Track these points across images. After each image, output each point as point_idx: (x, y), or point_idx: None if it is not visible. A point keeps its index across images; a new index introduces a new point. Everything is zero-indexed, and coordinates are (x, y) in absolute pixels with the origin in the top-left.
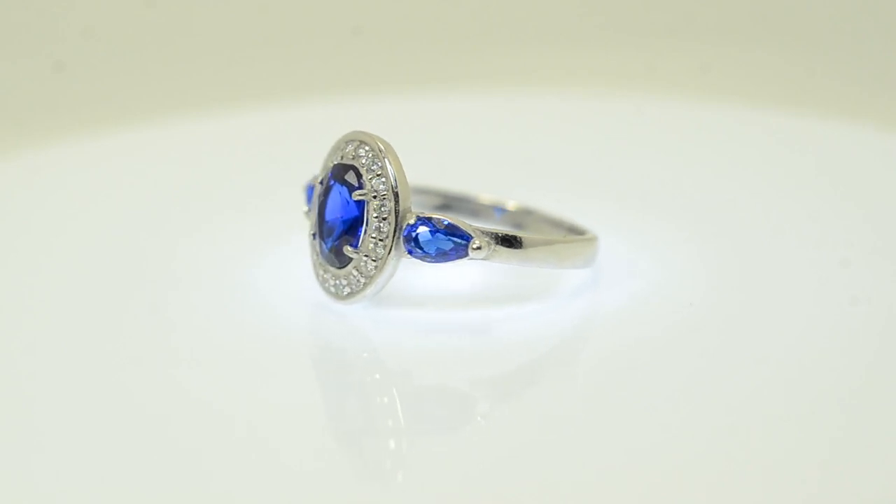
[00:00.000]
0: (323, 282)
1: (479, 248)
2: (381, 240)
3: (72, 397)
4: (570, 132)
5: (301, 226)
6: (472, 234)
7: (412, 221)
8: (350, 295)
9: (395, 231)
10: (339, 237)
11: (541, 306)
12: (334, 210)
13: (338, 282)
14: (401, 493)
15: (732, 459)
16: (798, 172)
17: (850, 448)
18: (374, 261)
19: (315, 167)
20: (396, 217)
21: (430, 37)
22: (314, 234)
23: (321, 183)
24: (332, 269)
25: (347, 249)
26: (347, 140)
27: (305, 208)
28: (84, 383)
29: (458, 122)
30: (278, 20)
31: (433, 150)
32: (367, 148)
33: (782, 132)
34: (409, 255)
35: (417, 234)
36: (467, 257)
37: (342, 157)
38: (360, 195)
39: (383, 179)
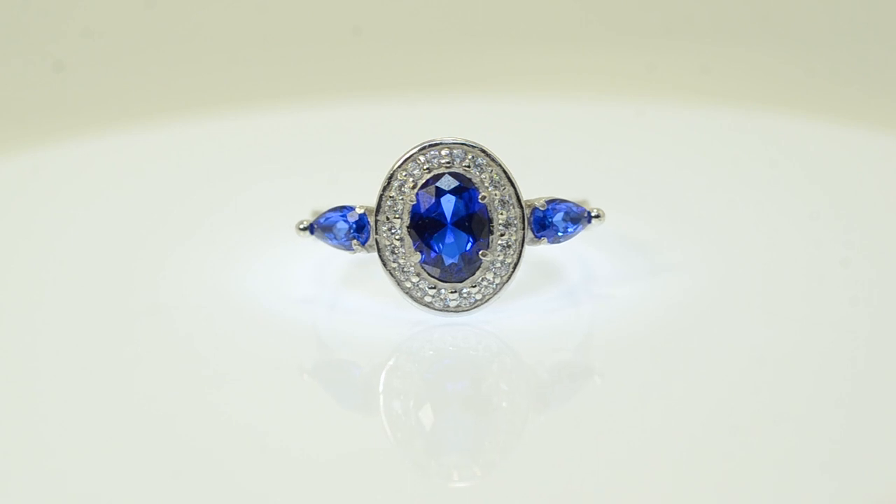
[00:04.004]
0: (438, 300)
1: (598, 215)
2: (512, 235)
3: (72, 397)
4: (569, 133)
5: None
6: (583, 205)
7: (540, 206)
8: (481, 300)
9: (523, 222)
10: (468, 247)
11: (538, 306)
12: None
13: (461, 293)
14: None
15: (732, 459)
16: (797, 173)
17: (850, 448)
18: (509, 258)
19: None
20: (521, 209)
21: (430, 38)
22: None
23: (423, 201)
24: (448, 283)
25: (483, 254)
26: (419, 151)
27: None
28: (84, 383)
29: (458, 122)
30: (278, 21)
31: None
32: (456, 151)
33: (782, 133)
34: (541, 242)
35: (546, 218)
36: (588, 227)
37: (429, 170)
38: (484, 197)
39: (495, 175)
